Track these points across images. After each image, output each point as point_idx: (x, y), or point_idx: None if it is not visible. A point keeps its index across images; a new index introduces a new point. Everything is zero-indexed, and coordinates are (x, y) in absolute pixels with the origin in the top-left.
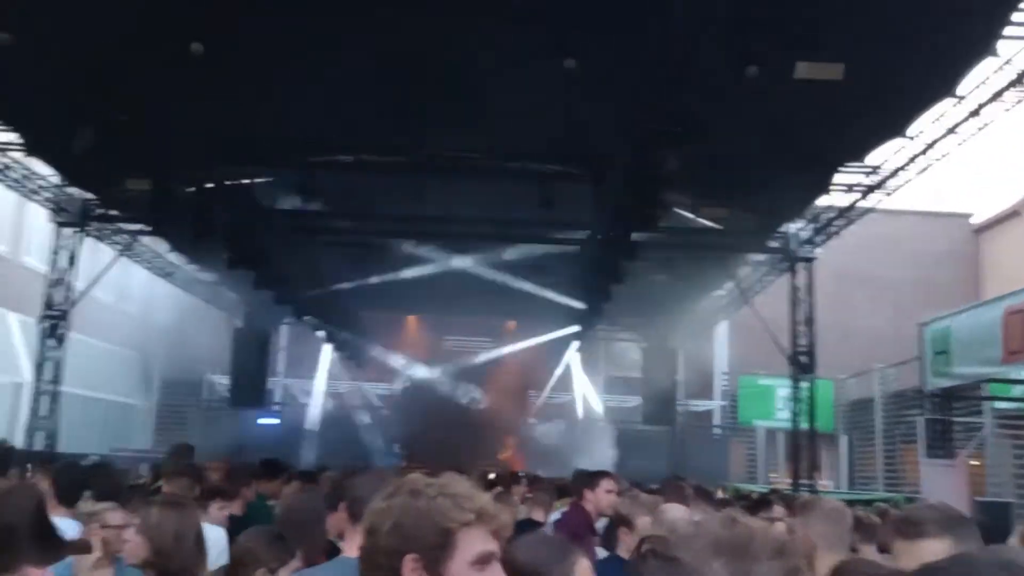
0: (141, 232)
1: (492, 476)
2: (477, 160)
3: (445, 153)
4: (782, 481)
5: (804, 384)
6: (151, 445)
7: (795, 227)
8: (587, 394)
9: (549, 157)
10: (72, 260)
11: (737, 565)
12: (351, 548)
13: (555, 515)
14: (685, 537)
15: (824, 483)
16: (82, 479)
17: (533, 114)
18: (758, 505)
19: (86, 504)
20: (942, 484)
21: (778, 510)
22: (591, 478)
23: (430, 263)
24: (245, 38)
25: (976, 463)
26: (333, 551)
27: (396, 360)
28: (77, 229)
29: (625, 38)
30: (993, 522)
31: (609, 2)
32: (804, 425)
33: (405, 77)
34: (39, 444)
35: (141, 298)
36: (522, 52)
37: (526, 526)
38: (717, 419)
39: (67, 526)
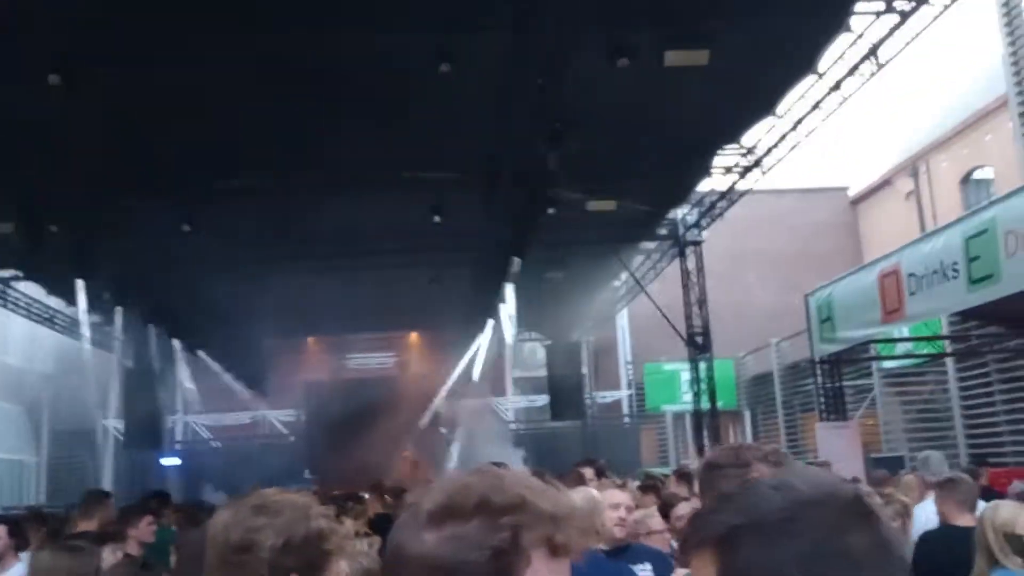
0: (13, 278)
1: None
2: (370, 174)
3: (339, 169)
4: (692, 462)
5: (702, 364)
6: (44, 500)
7: (682, 212)
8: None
9: (438, 165)
10: None
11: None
12: None
13: None
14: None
15: None
16: None
17: (416, 123)
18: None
19: None
20: (837, 446)
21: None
22: None
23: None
24: (113, 62)
25: (871, 422)
26: None
27: (298, 384)
28: None
29: (498, 36)
30: (892, 474)
31: (481, 2)
32: (705, 405)
33: (288, 95)
34: None
35: (20, 348)
36: (401, 60)
37: None
38: (625, 408)
39: None
